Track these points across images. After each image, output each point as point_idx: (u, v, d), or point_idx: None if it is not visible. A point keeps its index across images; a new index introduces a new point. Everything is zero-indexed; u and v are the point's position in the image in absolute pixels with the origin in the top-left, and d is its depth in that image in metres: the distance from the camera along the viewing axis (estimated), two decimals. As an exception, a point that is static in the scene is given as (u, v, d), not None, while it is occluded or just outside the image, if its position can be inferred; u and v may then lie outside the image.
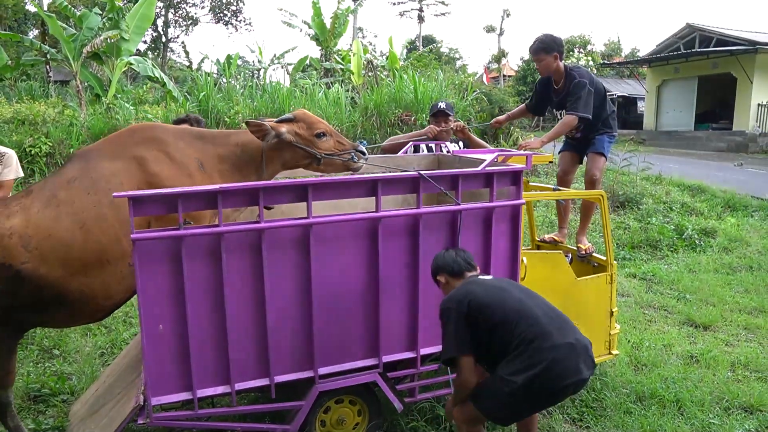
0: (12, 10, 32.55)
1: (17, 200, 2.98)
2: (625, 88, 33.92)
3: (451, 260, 2.91)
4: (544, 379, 2.52)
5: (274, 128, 3.15)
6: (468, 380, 2.69)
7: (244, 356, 2.92)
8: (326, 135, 3.27)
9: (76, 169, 3.00)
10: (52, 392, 3.95)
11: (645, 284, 6.74)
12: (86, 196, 2.92)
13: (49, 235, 2.83)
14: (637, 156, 10.68)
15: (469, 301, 2.67)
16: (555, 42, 4.38)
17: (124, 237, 2.90)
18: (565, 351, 2.56)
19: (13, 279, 2.78)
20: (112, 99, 12.89)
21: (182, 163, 3.09)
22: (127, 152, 3.04)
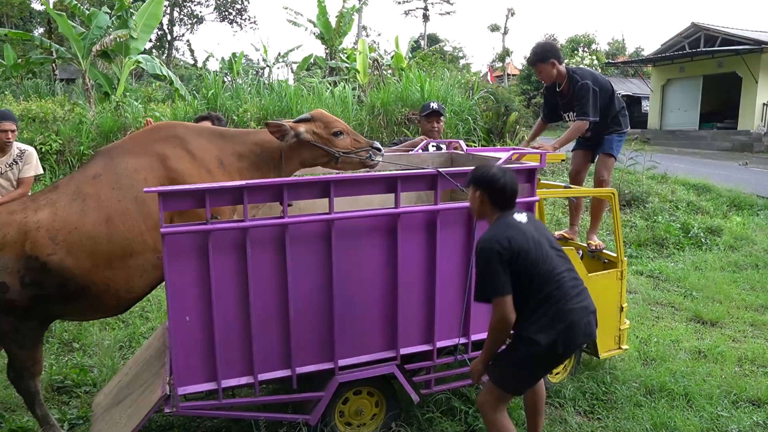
0: (18, 9, 32.69)
1: (44, 195, 3.09)
2: (629, 88, 33.89)
3: (502, 186, 2.71)
4: (565, 339, 2.62)
5: (293, 128, 3.24)
6: (509, 317, 2.60)
7: (267, 348, 3.01)
8: (343, 133, 3.36)
9: (101, 166, 3.11)
10: (75, 384, 4.04)
11: (652, 281, 6.81)
12: (111, 191, 3.02)
13: (75, 228, 2.93)
14: (643, 155, 10.75)
15: (511, 247, 2.60)
16: (549, 49, 4.42)
17: (147, 231, 3.00)
18: (581, 313, 2.67)
19: (40, 270, 2.89)
20: (122, 97, 12.98)
21: (203, 160, 3.18)
22: (150, 149, 3.14)
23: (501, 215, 2.76)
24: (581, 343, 2.76)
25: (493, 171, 2.76)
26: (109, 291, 3.00)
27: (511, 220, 2.72)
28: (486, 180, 2.74)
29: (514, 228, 2.68)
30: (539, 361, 2.70)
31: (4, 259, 2.87)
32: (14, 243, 2.88)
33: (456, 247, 3.31)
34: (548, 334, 2.61)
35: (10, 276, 2.87)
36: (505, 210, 2.77)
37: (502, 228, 2.68)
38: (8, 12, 32.55)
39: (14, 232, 2.89)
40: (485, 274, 2.64)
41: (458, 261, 3.33)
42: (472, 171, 2.85)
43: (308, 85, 13.85)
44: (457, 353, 3.42)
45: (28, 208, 2.99)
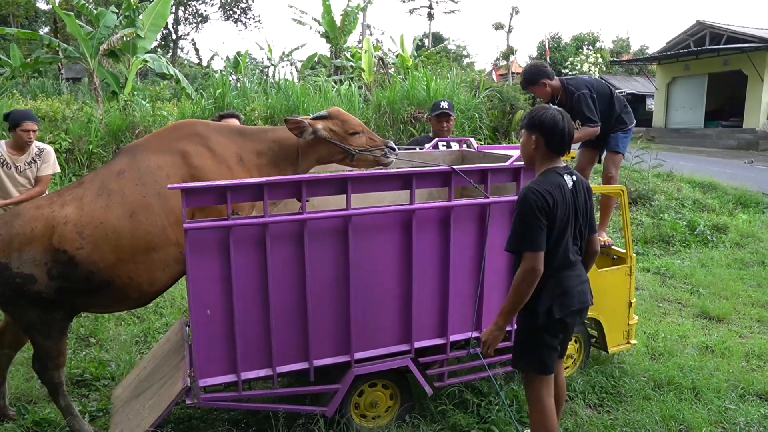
0: (24, 8, 32.84)
1: (70, 190, 3.17)
2: (634, 86, 33.88)
3: (561, 129, 2.64)
4: (560, 303, 2.66)
5: (311, 125, 3.31)
6: (540, 269, 2.57)
7: (286, 341, 3.09)
8: (359, 132, 3.43)
9: (124, 162, 3.20)
10: (94, 377, 4.12)
11: (659, 278, 6.87)
12: (134, 186, 3.10)
13: (101, 222, 3.01)
14: (648, 153, 10.79)
15: (551, 208, 2.57)
16: (537, 72, 4.45)
17: (169, 226, 3.08)
18: (575, 281, 2.72)
19: (68, 263, 2.97)
20: (129, 96, 13.06)
21: (223, 157, 3.26)
22: (172, 146, 3.23)
23: (552, 168, 2.70)
24: (577, 310, 2.76)
25: (551, 113, 2.67)
26: (133, 284, 3.08)
27: (561, 180, 2.66)
28: (544, 122, 2.65)
29: (562, 190, 2.62)
30: (543, 330, 2.72)
31: (32, 252, 2.95)
32: (42, 236, 2.96)
33: (469, 242, 3.38)
34: (543, 300, 2.65)
35: (38, 268, 2.95)
36: (558, 156, 2.71)
37: (553, 184, 2.62)
38: (14, 11, 32.70)
39: (42, 226, 2.98)
40: (523, 224, 2.58)
41: (471, 256, 3.40)
42: (528, 114, 2.76)
43: (314, 84, 13.93)
44: (470, 347, 3.49)
45: (55, 203, 3.07)
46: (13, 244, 2.96)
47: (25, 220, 3.01)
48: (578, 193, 2.73)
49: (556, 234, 2.63)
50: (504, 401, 3.58)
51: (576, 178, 2.76)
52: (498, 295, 3.52)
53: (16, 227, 2.99)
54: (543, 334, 2.74)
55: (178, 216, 2.99)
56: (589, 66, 31.41)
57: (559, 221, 2.62)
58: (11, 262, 2.95)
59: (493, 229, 3.38)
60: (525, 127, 2.76)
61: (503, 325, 2.72)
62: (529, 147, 2.74)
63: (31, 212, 3.05)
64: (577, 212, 2.72)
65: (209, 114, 11.49)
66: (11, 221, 3.03)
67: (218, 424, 3.58)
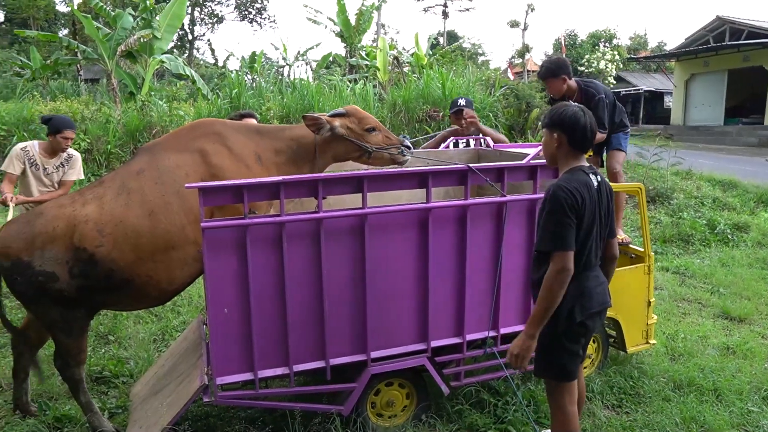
0: (43, 11, 33.33)
1: (91, 189, 3.21)
2: (651, 83, 33.50)
3: (583, 126, 2.61)
4: (581, 305, 2.62)
5: (329, 122, 3.32)
6: (571, 268, 2.52)
7: (303, 339, 3.09)
8: (375, 130, 3.44)
9: (144, 161, 3.23)
10: (113, 374, 4.17)
11: (678, 278, 6.77)
12: (154, 185, 3.13)
13: (120, 221, 3.04)
14: (667, 151, 10.66)
15: (582, 202, 2.53)
16: (560, 65, 4.44)
17: (188, 225, 3.11)
18: (594, 282, 2.68)
19: (88, 261, 3.01)
20: (147, 96, 13.19)
21: (241, 155, 3.27)
22: (191, 145, 3.25)
23: (578, 167, 2.66)
24: (597, 312, 2.70)
25: (572, 110, 2.64)
26: (152, 282, 3.10)
27: (587, 179, 2.62)
28: (565, 120, 2.62)
29: (589, 189, 2.59)
30: (564, 335, 2.66)
31: (54, 251, 2.99)
32: (64, 235, 3.00)
33: (485, 241, 3.36)
34: (564, 303, 2.59)
35: (59, 266, 2.99)
36: (581, 154, 2.68)
37: (580, 182, 2.58)
38: (34, 14, 33.21)
39: (63, 224, 3.01)
40: (554, 222, 2.53)
41: (488, 255, 3.38)
42: (549, 112, 2.73)
43: (329, 83, 13.96)
44: (487, 346, 3.47)
45: (76, 201, 3.12)
46: (35, 243, 3.00)
47: (48, 219, 3.05)
48: (602, 194, 2.69)
49: (583, 234, 2.58)
50: (521, 401, 3.56)
51: (600, 179, 2.71)
52: (515, 294, 3.50)
53: (38, 226, 3.04)
54: (564, 340, 2.67)
55: (197, 215, 3.00)
56: (605, 63, 31.12)
57: (586, 220, 2.57)
58: (34, 261, 2.99)
59: (510, 228, 3.36)
60: (546, 125, 2.73)
61: (535, 334, 2.61)
62: (552, 145, 2.71)
63: (53, 211, 3.09)
64: (601, 213, 2.68)
65: (225, 113, 11.56)
66: (34, 220, 3.08)
67: (235, 422, 3.59)
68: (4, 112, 11.29)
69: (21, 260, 3.00)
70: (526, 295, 3.52)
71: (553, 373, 2.74)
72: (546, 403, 3.63)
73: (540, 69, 4.60)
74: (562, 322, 2.63)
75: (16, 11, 33.84)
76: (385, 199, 3.60)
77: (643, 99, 33.39)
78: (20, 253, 3.01)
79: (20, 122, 11.11)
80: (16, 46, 31.18)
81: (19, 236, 3.04)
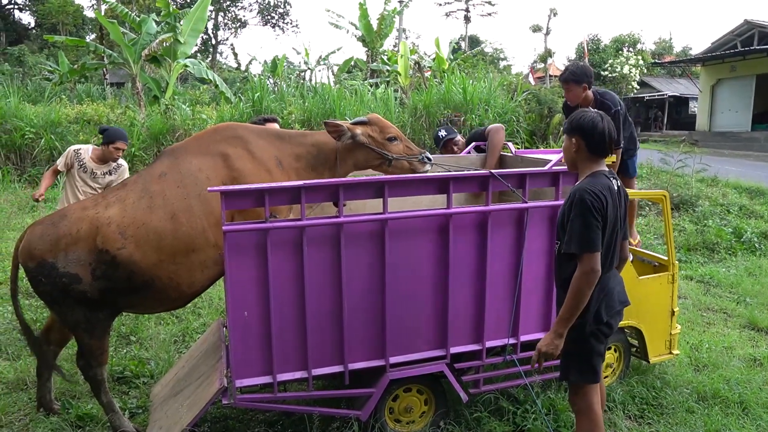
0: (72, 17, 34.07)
1: (114, 192, 3.26)
2: (676, 88, 33.03)
3: (600, 131, 2.65)
4: (606, 305, 2.69)
5: (350, 129, 3.33)
6: (598, 269, 2.57)
7: (321, 343, 3.09)
8: (397, 139, 3.46)
9: (166, 165, 3.26)
10: (134, 375, 4.21)
11: (702, 287, 6.65)
12: (176, 188, 3.16)
13: (143, 224, 3.08)
14: (692, 157, 10.49)
15: (606, 204, 2.58)
16: (585, 73, 4.37)
17: (209, 228, 3.13)
18: (615, 281, 2.78)
19: (110, 263, 3.05)
20: (170, 100, 13.37)
21: (262, 160, 3.30)
22: (213, 149, 3.28)
23: (598, 172, 2.70)
24: (618, 311, 2.78)
25: (590, 115, 2.70)
26: (173, 284, 3.14)
27: (609, 182, 2.66)
28: (584, 126, 2.67)
29: (610, 192, 2.63)
30: (593, 335, 2.70)
31: (77, 252, 3.04)
32: (87, 237, 3.05)
33: (506, 247, 3.33)
34: (591, 304, 2.64)
35: (82, 268, 3.04)
36: (601, 159, 2.72)
37: (603, 186, 2.62)
38: (63, 20, 33.97)
39: (87, 226, 3.06)
40: (582, 224, 2.56)
41: (508, 261, 3.35)
42: (568, 119, 2.81)
43: (350, 88, 14.02)
44: (506, 354, 3.44)
45: (100, 204, 3.17)
46: (59, 245, 3.05)
47: (72, 221, 3.10)
48: (620, 198, 2.74)
49: (607, 236, 2.64)
50: (540, 410, 3.51)
51: (619, 183, 2.77)
52: (535, 302, 3.47)
53: (62, 228, 3.09)
54: (593, 341, 2.72)
55: (218, 218, 3.03)
56: (629, 68, 30.75)
57: (610, 223, 2.63)
58: (58, 262, 3.04)
59: (531, 235, 3.33)
60: (565, 131, 2.80)
61: (563, 333, 2.65)
62: (571, 150, 2.76)
63: (77, 213, 3.14)
64: (619, 216, 2.73)
65: (248, 117, 11.68)
66: (58, 222, 3.13)
67: (253, 424, 3.61)
68: (33, 114, 11.54)
69: (45, 261, 3.06)
70: (547, 302, 3.48)
71: (584, 377, 2.76)
72: (566, 412, 3.60)
73: (563, 72, 4.55)
74: (590, 323, 2.68)
75: (46, 17, 34.70)
76: (407, 205, 3.60)
77: (667, 104, 32.93)
78: (45, 255, 3.06)
79: (48, 125, 11.35)
80: (46, 51, 31.89)
81: (43, 238, 3.09)
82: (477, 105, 12.25)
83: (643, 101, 34.69)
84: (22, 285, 5.78)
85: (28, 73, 27.23)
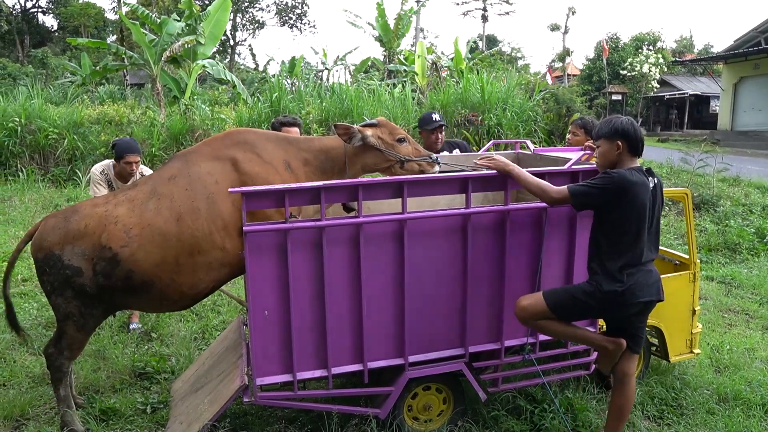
0: (93, 19, 34.59)
1: (124, 192, 3.34)
2: (697, 87, 32.59)
3: (640, 136, 2.99)
4: (629, 293, 2.91)
5: (361, 131, 3.37)
6: (553, 201, 3.00)
7: (341, 342, 3.12)
8: (405, 141, 3.49)
9: (176, 168, 3.32)
10: (155, 371, 4.29)
11: (724, 288, 6.57)
12: (184, 191, 3.20)
13: (148, 224, 3.14)
14: (713, 157, 10.36)
15: (634, 188, 2.84)
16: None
17: (216, 231, 3.15)
18: (649, 276, 2.99)
19: (111, 260, 3.11)
20: (190, 100, 13.52)
21: (271, 163, 3.32)
22: (222, 153, 3.32)
23: (635, 168, 2.95)
24: (644, 302, 3.02)
25: (628, 119, 3.01)
26: (174, 286, 3.18)
27: (645, 179, 2.92)
28: (627, 129, 2.96)
29: (645, 187, 2.90)
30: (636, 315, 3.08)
31: (82, 247, 3.13)
32: (93, 233, 3.13)
33: (525, 246, 3.33)
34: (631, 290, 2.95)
35: (85, 262, 3.12)
36: (637, 158, 3.01)
37: (640, 178, 2.90)
38: (85, 22, 34.51)
39: (94, 223, 3.15)
40: (591, 184, 2.93)
41: (527, 261, 3.35)
42: (604, 124, 3.05)
43: (368, 88, 14.05)
44: (525, 353, 3.44)
45: (110, 202, 3.25)
46: (67, 238, 3.16)
47: (81, 216, 3.20)
48: (656, 195, 2.99)
49: (636, 220, 2.88)
50: (558, 409, 3.51)
51: (657, 181, 3.02)
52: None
53: (72, 222, 3.19)
54: (637, 320, 3.11)
55: (226, 221, 3.09)
56: (649, 67, 30.41)
57: (638, 208, 2.87)
58: (64, 255, 3.14)
59: (550, 234, 3.32)
60: (605, 136, 3.01)
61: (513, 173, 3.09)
62: (613, 153, 3.00)
63: (87, 209, 3.23)
64: (654, 212, 2.98)
65: (266, 117, 11.77)
66: (70, 216, 3.23)
67: (273, 420, 3.65)
68: (56, 115, 11.74)
69: (53, 253, 3.16)
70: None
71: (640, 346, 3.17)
72: (584, 412, 3.59)
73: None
74: (635, 304, 2.96)
75: (69, 19, 35.28)
76: (425, 205, 3.62)
77: (688, 103, 32.49)
78: (53, 247, 3.17)
79: (71, 125, 11.55)
80: (68, 53, 32.41)
81: (55, 230, 3.20)
82: (495, 105, 12.21)
83: (663, 100, 34.28)
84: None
85: (51, 75, 27.70)
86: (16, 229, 8.03)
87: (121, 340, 4.77)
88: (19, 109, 11.32)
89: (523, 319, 3.13)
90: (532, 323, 3.13)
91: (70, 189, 10.66)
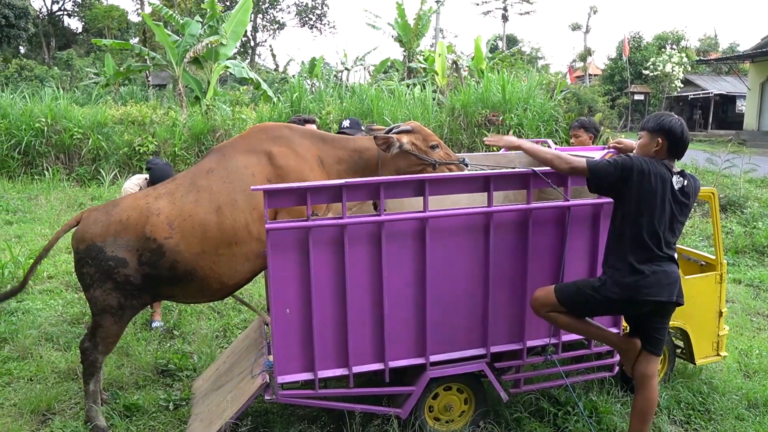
0: (117, 21, 35.13)
1: (164, 185, 3.44)
2: (722, 86, 32.01)
3: (685, 142, 2.91)
4: (634, 290, 2.85)
5: (399, 140, 3.39)
6: (571, 170, 2.98)
7: (362, 341, 3.11)
8: (438, 146, 3.54)
9: (214, 161, 3.41)
10: (177, 368, 4.32)
11: (752, 291, 6.42)
12: (222, 184, 3.30)
13: (189, 216, 3.22)
14: (740, 157, 10.15)
15: (646, 175, 2.80)
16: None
17: (252, 222, 3.24)
18: (665, 276, 2.88)
19: (156, 251, 3.19)
20: (211, 101, 13.64)
21: (305, 159, 3.39)
22: (258, 147, 3.41)
23: (663, 162, 2.90)
24: (654, 301, 2.93)
25: (678, 119, 2.90)
26: (214, 275, 3.25)
27: (666, 174, 2.86)
28: (673, 128, 2.86)
29: (662, 179, 2.83)
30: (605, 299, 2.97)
31: (126, 238, 3.20)
32: (136, 225, 3.21)
33: (547, 246, 3.29)
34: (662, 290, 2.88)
35: (130, 253, 3.20)
36: (674, 160, 2.93)
37: (658, 168, 2.84)
38: (108, 24, 35.06)
39: (137, 215, 3.23)
40: (609, 163, 2.90)
41: (549, 260, 3.31)
42: (652, 118, 2.96)
43: (387, 88, 14.05)
44: (547, 354, 3.40)
45: (150, 195, 3.34)
46: (109, 230, 3.22)
47: (122, 208, 3.28)
48: (678, 195, 2.88)
49: (646, 213, 2.82)
50: (582, 411, 3.46)
51: (687, 183, 2.91)
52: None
53: (114, 215, 3.26)
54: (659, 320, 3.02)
55: (262, 213, 3.09)
56: (672, 66, 29.95)
57: (646, 195, 2.80)
58: (106, 246, 3.20)
59: (573, 233, 3.28)
60: (650, 129, 2.92)
61: (520, 144, 3.23)
62: (651, 148, 2.91)
63: (128, 202, 3.32)
64: (674, 209, 2.87)
65: (286, 117, 11.83)
66: (111, 210, 3.31)
67: (294, 419, 3.65)
68: (81, 116, 11.94)
69: (95, 244, 3.22)
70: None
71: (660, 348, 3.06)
72: (608, 415, 3.53)
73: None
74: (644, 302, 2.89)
75: (93, 22, 35.87)
76: (446, 204, 3.59)
77: (712, 103, 31.92)
78: (95, 239, 3.23)
79: (95, 125, 11.74)
80: (92, 54, 32.94)
81: (96, 223, 3.27)
82: (516, 104, 12.12)
83: (686, 100, 33.74)
84: (71, 279, 6.03)
85: (76, 77, 28.16)
86: (42, 227, 8.18)
87: (144, 337, 4.82)
88: (45, 110, 11.53)
89: (535, 308, 3.13)
90: (543, 314, 3.10)
91: (94, 188, 10.83)
